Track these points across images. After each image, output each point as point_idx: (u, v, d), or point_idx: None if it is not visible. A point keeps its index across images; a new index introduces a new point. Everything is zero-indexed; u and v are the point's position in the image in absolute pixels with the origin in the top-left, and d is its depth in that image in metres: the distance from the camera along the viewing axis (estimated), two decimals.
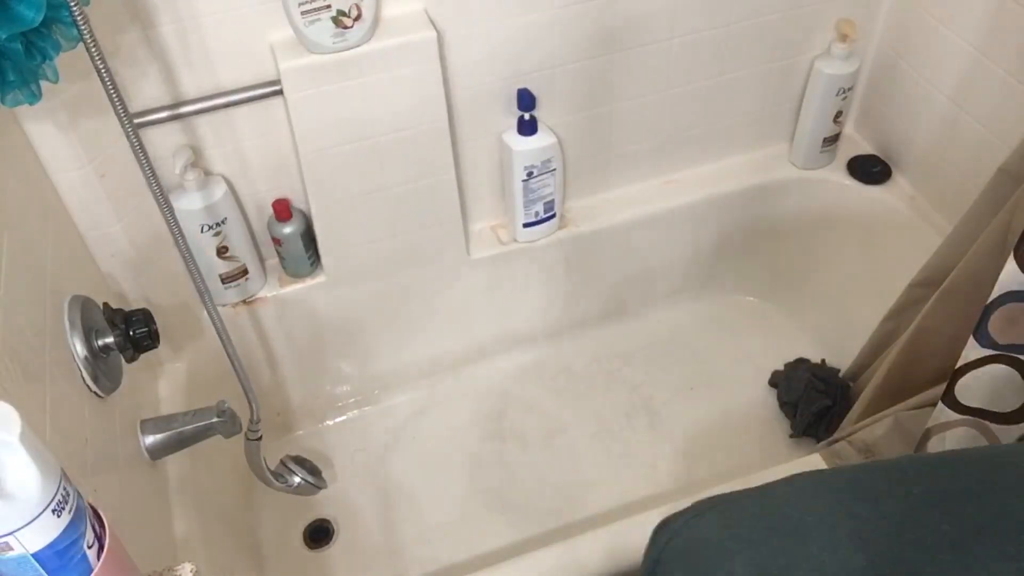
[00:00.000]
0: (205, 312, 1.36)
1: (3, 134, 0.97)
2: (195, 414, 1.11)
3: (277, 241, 1.37)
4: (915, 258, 1.29)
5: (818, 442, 1.45)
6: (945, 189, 1.43)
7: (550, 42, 1.30)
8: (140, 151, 0.94)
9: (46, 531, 0.53)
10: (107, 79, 0.88)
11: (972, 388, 0.99)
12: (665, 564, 0.56)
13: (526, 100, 1.32)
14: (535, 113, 1.35)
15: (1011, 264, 0.90)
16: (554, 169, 1.41)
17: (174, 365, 1.34)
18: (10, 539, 0.51)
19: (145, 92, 1.15)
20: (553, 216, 1.49)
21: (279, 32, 1.16)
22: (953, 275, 1.14)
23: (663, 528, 0.59)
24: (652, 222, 1.57)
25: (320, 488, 1.39)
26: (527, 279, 1.57)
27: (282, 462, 1.37)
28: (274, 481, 1.32)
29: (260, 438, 1.23)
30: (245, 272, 1.36)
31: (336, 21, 1.13)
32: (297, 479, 1.35)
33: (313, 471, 1.39)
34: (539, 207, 1.45)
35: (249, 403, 1.18)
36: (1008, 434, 0.99)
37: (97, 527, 0.58)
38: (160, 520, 1.09)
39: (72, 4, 0.80)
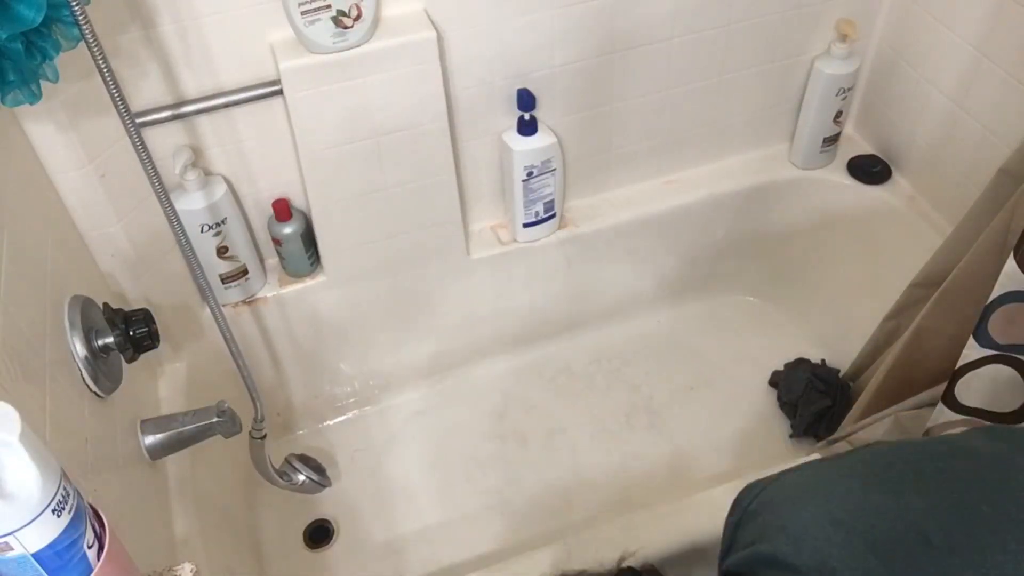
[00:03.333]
0: (205, 312, 1.36)
1: (3, 134, 0.97)
2: (195, 414, 1.11)
3: (277, 241, 1.37)
4: (915, 258, 1.29)
5: (818, 442, 1.45)
6: (945, 189, 1.43)
7: (550, 42, 1.30)
8: (142, 151, 0.94)
9: (46, 531, 0.53)
10: (109, 79, 0.89)
11: (972, 388, 0.99)
12: (751, 516, 0.61)
13: (526, 100, 1.32)
14: (535, 113, 1.35)
15: (1011, 264, 0.90)
16: (554, 169, 1.41)
17: (174, 365, 1.34)
18: (10, 539, 0.51)
19: (145, 92, 1.15)
20: (553, 216, 1.49)
21: (279, 32, 1.16)
22: (953, 275, 1.14)
23: (749, 489, 0.63)
24: (652, 222, 1.57)
25: (325, 486, 1.39)
26: (527, 279, 1.57)
27: (287, 460, 1.37)
28: (279, 479, 1.32)
29: (264, 436, 1.23)
30: (245, 272, 1.36)
31: (336, 21, 1.13)
32: (302, 477, 1.36)
33: (318, 469, 1.39)
34: (539, 207, 1.45)
35: (253, 401, 1.18)
36: None
37: (97, 527, 0.58)
38: (160, 520, 1.09)
39: (73, 4, 0.81)
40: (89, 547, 0.56)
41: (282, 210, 1.33)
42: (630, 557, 0.60)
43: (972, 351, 0.97)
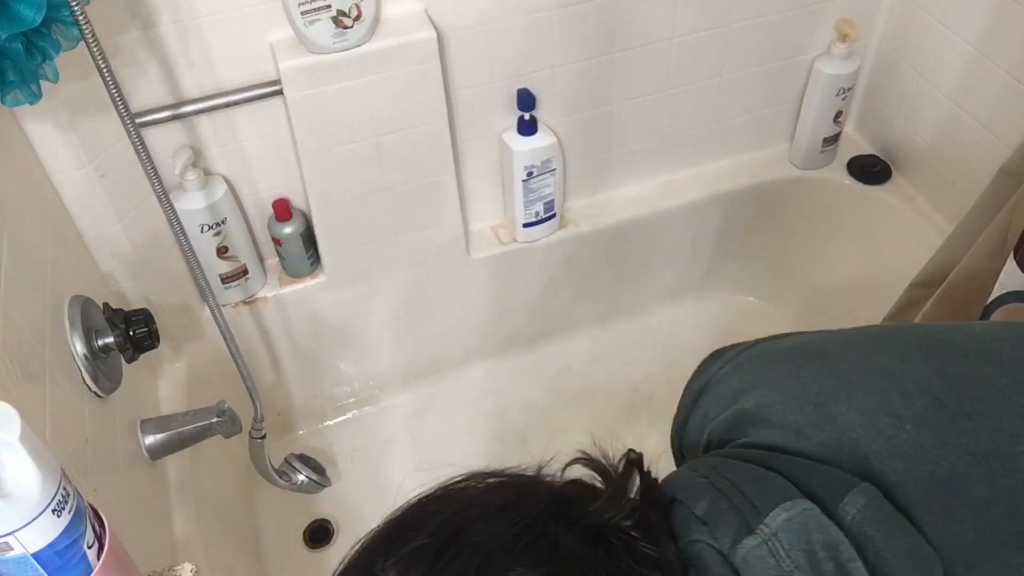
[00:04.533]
0: (205, 312, 1.36)
1: (3, 134, 0.97)
2: (195, 414, 1.12)
3: (277, 241, 1.37)
4: (915, 258, 1.29)
5: None
6: (945, 189, 1.43)
7: (550, 42, 1.30)
8: (142, 151, 0.94)
9: (46, 531, 0.53)
10: (109, 79, 0.89)
11: None
12: (723, 379, 0.58)
13: (526, 100, 1.32)
14: (535, 113, 1.35)
15: (1011, 264, 0.91)
16: (554, 169, 1.41)
17: (174, 365, 1.34)
18: (10, 539, 0.51)
19: (145, 92, 1.15)
20: (553, 216, 1.49)
21: (279, 32, 1.16)
22: (953, 275, 1.14)
23: (715, 357, 0.61)
24: (652, 222, 1.57)
25: (324, 486, 1.39)
26: (527, 279, 1.57)
27: (287, 460, 1.37)
28: (278, 479, 1.32)
29: (264, 436, 1.23)
30: (245, 272, 1.36)
31: (336, 21, 1.13)
32: (301, 477, 1.36)
33: (317, 469, 1.39)
34: (539, 207, 1.45)
35: (253, 402, 1.18)
36: None
37: (97, 527, 0.58)
38: (160, 520, 1.09)
39: (73, 4, 0.81)
40: (89, 547, 0.56)
41: (282, 210, 1.33)
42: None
43: None
